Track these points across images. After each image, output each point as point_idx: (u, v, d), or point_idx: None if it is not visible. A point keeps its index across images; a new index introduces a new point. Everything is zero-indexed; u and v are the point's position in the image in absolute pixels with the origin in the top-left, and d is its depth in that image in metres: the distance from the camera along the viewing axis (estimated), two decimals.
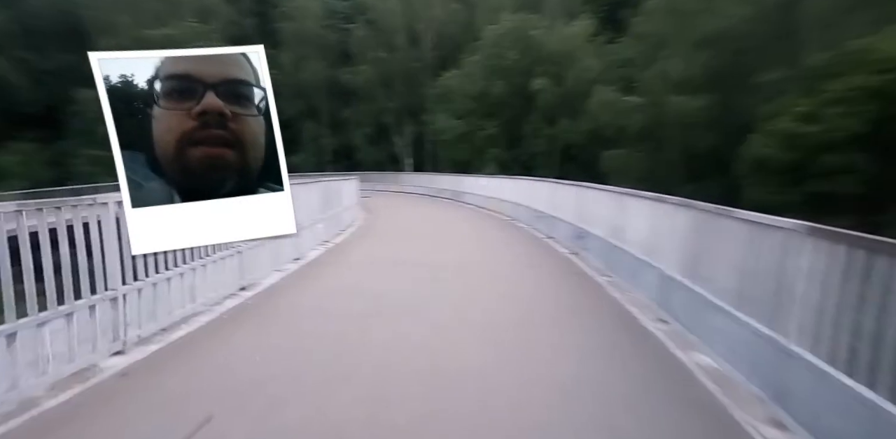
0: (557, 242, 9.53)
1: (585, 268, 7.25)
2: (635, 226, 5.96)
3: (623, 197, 6.45)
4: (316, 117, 34.12)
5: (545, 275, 6.83)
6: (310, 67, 32.54)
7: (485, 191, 17.22)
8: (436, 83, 29.66)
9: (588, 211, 8.05)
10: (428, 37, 32.32)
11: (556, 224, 10.04)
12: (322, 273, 6.37)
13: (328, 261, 7.17)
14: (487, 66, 25.82)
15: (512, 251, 8.91)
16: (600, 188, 7.47)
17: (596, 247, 7.48)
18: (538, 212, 11.54)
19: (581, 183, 8.70)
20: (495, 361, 3.49)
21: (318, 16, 33.83)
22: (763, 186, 13.66)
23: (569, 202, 9.29)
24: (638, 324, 4.58)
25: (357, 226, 11.62)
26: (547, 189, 10.92)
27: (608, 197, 7.01)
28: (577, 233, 8.49)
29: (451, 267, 7.00)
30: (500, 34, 25.29)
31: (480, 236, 10.74)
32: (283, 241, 6.35)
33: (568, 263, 7.71)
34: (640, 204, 5.83)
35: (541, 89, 23.68)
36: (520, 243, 9.82)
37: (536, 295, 5.71)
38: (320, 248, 8.03)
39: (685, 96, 16.84)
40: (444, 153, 28.97)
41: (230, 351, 3.50)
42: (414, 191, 25.85)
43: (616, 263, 6.50)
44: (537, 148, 24.85)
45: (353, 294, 5.25)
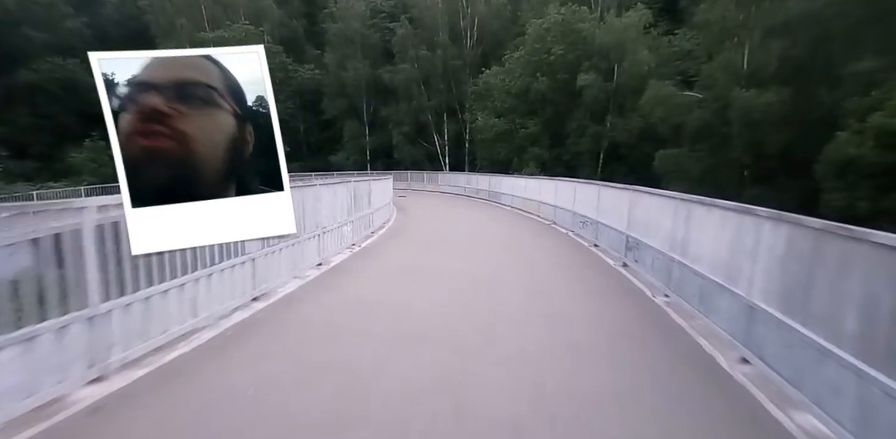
0: (603, 252, 8.60)
1: (638, 285, 6.34)
2: (705, 240, 5.02)
3: (689, 204, 5.50)
4: (357, 116, 34.40)
5: (592, 292, 5.99)
6: (352, 67, 32.80)
7: (524, 192, 16.34)
8: (476, 81, 28.93)
9: (641, 218, 7.10)
10: (469, 34, 31.66)
11: (602, 230, 9.10)
12: (342, 282, 5.88)
13: (352, 268, 6.70)
14: (531, 62, 24.74)
15: (553, 260, 8.09)
16: (659, 193, 6.51)
17: (650, 261, 6.53)
18: (581, 216, 10.59)
19: (633, 186, 7.72)
20: (531, 410, 2.80)
21: (363, 15, 34.04)
22: (849, 191, 11.86)
23: (618, 207, 8.33)
24: (715, 365, 3.72)
25: (388, 228, 11.17)
26: (592, 192, 9.95)
27: (669, 204, 6.05)
28: (627, 243, 7.55)
29: (484, 278, 6.33)
30: (545, 28, 24.16)
31: (518, 242, 9.97)
32: (305, 246, 5.95)
33: (618, 277, 6.82)
34: (712, 214, 4.89)
35: (588, 85, 22.35)
36: (562, 251, 8.97)
37: (582, 316, 4.92)
38: (346, 253, 7.60)
39: (754, 90, 15.10)
40: (482, 152, 28.19)
41: (222, 381, 3.03)
42: (450, 190, 25.30)
43: (677, 281, 5.56)
44: (581, 147, 23.52)
45: (373, 309, 4.72)
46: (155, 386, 2.86)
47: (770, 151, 15.53)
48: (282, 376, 3.13)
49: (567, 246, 9.52)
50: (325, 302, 5.01)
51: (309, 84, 34.57)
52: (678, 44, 23.33)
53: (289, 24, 37.11)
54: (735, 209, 4.45)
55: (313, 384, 3.03)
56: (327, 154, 34.64)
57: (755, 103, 14.85)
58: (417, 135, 32.79)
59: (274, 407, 2.67)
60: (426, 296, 5.21)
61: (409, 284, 5.81)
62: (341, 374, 3.18)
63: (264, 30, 33.72)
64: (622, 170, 23.60)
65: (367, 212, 9.61)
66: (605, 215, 8.99)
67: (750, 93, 15.12)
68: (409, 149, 32.44)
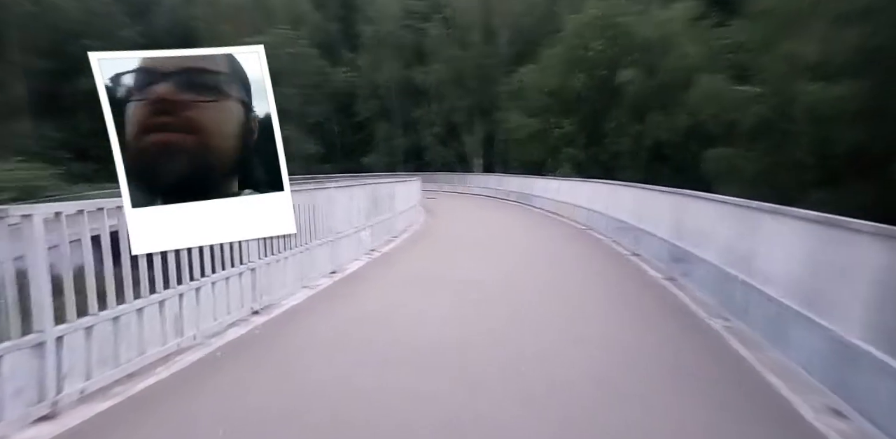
0: (646, 262, 7.73)
1: (689, 303, 5.50)
2: (776, 256, 4.18)
3: (754, 213, 4.65)
4: (389, 118, 34.44)
5: (634, 311, 5.23)
6: (385, 68, 32.87)
7: (556, 194, 15.48)
8: (509, 80, 28.13)
9: (692, 226, 6.23)
10: (503, 32, 30.93)
11: (643, 238, 8.22)
12: (354, 292, 5.42)
13: (367, 277, 6.25)
14: (567, 59, 23.70)
15: (588, 270, 7.31)
16: (715, 198, 5.63)
17: (702, 276, 5.68)
18: (619, 221, 9.71)
19: (682, 190, 6.84)
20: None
21: (397, 16, 34.05)
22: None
23: (662, 212, 7.46)
24: (796, 416, 2.93)
25: (413, 232, 10.71)
26: (632, 195, 9.07)
27: (728, 211, 5.19)
28: (674, 253, 6.68)
29: (512, 289, 5.70)
30: (584, 23, 23.07)
31: (549, 248, 9.22)
32: (316, 253, 5.55)
33: (663, 294, 5.98)
34: (786, 225, 4.05)
35: (629, 81, 21.10)
36: (598, 260, 8.16)
37: (624, 341, 4.20)
38: (363, 259, 7.17)
39: (821, 83, 13.51)
40: (515, 153, 27.35)
41: (190, 417, 2.60)
42: (481, 192, 24.65)
43: (739, 304, 4.72)
44: (620, 147, 22.22)
45: (382, 327, 4.22)
46: (113, 424, 2.47)
47: (839, 150, 13.86)
48: (264, 411, 2.66)
49: (604, 254, 8.69)
50: (332, 316, 4.56)
51: (343, 86, 34.97)
52: (731, 35, 21.59)
53: (326, 27, 37.75)
54: (818, 220, 3.62)
55: (300, 419, 2.55)
56: (360, 155, 34.87)
57: (824, 97, 13.27)
58: (448, 137, 32.39)
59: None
60: (443, 314, 4.62)
61: (427, 298, 5.25)
62: (333, 409, 2.68)
63: (301, 34, 34.46)
64: (666, 171, 22.10)
65: (390, 215, 9.19)
66: (647, 221, 8.11)
67: (818, 86, 13.54)
68: (440, 150, 32.08)
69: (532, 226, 12.54)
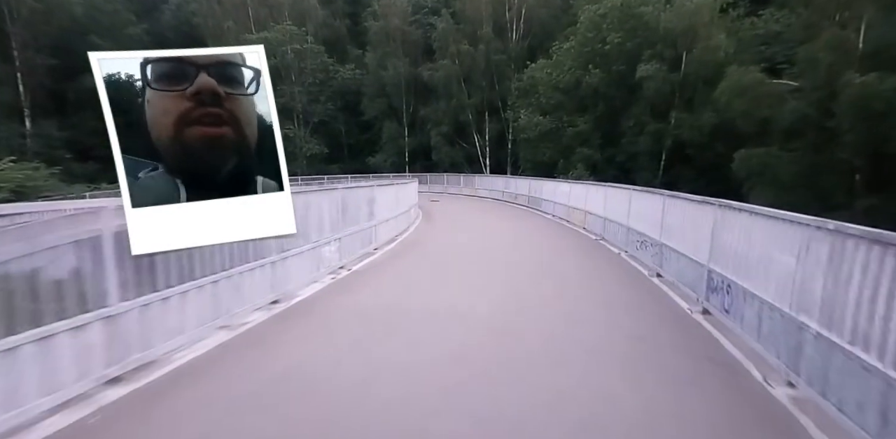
0: (670, 286, 6.32)
1: (734, 353, 4.11)
2: (878, 305, 2.78)
3: (835, 237, 3.24)
4: (396, 117, 33.28)
5: (663, 363, 3.83)
6: (392, 65, 31.69)
7: (567, 199, 14.02)
8: (520, 76, 26.64)
9: (734, 247, 4.79)
10: (515, 26, 29.46)
11: (668, 256, 6.77)
12: (284, 337, 4.07)
13: (313, 310, 4.89)
14: (583, 53, 22.13)
15: (602, 297, 5.89)
16: (771, 214, 4.17)
17: (753, 318, 4.25)
18: (639, 234, 8.25)
19: (721, 200, 5.38)
20: None
21: (405, 12, 32.87)
22: None
23: (694, 227, 6.02)
24: None
25: (400, 243, 9.43)
26: (654, 203, 7.61)
27: (794, 233, 3.77)
28: (710, 281, 5.26)
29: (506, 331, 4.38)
30: (601, 15, 21.47)
31: (556, 266, 7.82)
32: (245, 280, 4.31)
33: (699, 335, 4.59)
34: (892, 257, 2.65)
35: (649, 76, 19.44)
36: (615, 283, 6.72)
37: (651, 420, 2.85)
38: (325, 281, 5.90)
39: (873, 74, 11.77)
40: (525, 153, 25.88)
41: None
42: (487, 195, 23.27)
43: (815, 366, 3.32)
44: (639, 147, 20.57)
45: (291, 411, 2.90)
46: None
47: (893, 150, 12.10)
48: None
49: (622, 275, 7.25)
50: (239, 376, 3.31)
51: (350, 84, 33.93)
52: (763, 26, 19.76)
53: (332, 24, 36.79)
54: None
55: None
56: (367, 156, 33.77)
57: (875, 91, 11.54)
58: (457, 136, 31.04)
59: None
60: (396, 388, 3.21)
61: (379, 349, 3.90)
62: None
63: (307, 30, 33.55)
64: (689, 173, 20.42)
65: (368, 224, 7.92)
66: (674, 236, 6.66)
67: (869, 78, 11.80)
68: (447, 150, 30.72)
69: (538, 237, 11.13)
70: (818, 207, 13.26)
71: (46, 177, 23.52)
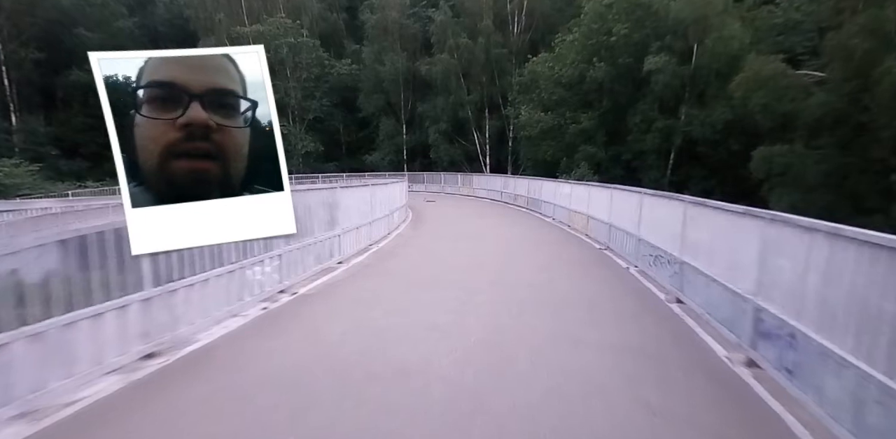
0: (696, 318, 5.02)
1: (791, 420, 2.81)
2: None
3: None
4: (393, 114, 31.95)
5: (696, 420, 2.51)
6: (390, 60, 30.34)
7: (568, 201, 12.69)
8: (521, 71, 25.23)
9: (795, 280, 3.46)
10: (517, 18, 28.05)
11: (692, 279, 5.43)
12: (147, 413, 2.81)
13: (197, 374, 3.43)
14: (587, 46, 20.74)
15: (610, 339, 4.53)
16: (864, 238, 2.84)
17: (845, 393, 2.90)
18: (652, 247, 6.91)
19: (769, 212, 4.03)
20: None
21: (402, 4, 31.50)
22: None
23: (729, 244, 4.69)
24: None
25: (371, 254, 8.11)
26: (671, 212, 6.24)
27: (869, 253, 2.44)
28: (758, 319, 3.92)
29: (476, 410, 3.07)
30: (606, 5, 20.07)
31: (558, 288, 6.46)
32: (106, 322, 3.01)
33: (750, 407, 3.25)
34: None
35: (657, 69, 18.06)
36: (627, 313, 5.33)
37: None
38: (248, 314, 4.57)
39: None
40: (526, 152, 24.50)
41: None
42: (485, 195, 21.94)
43: None
44: (646, 145, 19.18)
45: None
46: None
47: None
48: None
49: (634, 301, 5.88)
50: None
51: (346, 80, 32.59)
52: (782, 15, 18.30)
53: (328, 17, 35.48)
54: None
55: None
56: (364, 153, 32.48)
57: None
58: (456, 133, 29.67)
59: None
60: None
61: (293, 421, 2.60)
62: None
63: (302, 23, 32.24)
64: (700, 172, 19.03)
65: (327, 235, 6.61)
66: (700, 254, 5.32)
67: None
68: (446, 148, 29.36)
69: (535, 248, 9.78)
70: (848, 211, 11.85)
71: (29, 173, 22.37)
